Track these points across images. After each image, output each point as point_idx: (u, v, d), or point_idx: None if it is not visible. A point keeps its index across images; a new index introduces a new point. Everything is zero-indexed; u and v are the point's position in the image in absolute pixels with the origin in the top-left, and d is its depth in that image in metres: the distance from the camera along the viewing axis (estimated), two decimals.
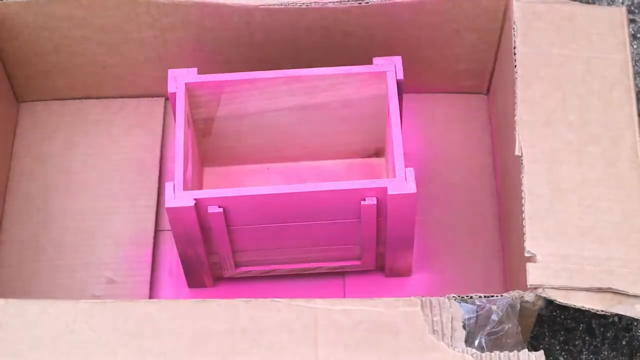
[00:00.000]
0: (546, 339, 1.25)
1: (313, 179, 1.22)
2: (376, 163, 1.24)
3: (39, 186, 1.27)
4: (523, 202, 1.03)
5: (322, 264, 1.18)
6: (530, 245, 1.01)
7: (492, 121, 1.29)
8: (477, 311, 0.98)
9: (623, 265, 0.99)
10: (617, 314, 0.98)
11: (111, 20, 1.21)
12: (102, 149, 1.29)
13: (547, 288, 0.98)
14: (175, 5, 1.17)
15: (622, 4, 1.50)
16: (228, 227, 1.09)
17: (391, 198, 1.05)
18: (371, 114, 1.17)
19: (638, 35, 1.48)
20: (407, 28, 1.21)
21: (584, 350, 1.24)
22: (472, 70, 1.28)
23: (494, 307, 0.99)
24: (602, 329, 1.26)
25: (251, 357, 0.94)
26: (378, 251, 1.16)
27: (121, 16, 1.20)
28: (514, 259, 1.12)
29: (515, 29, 1.12)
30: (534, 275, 0.99)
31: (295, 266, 1.18)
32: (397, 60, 1.13)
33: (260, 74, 1.13)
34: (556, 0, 1.14)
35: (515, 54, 1.11)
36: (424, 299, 0.97)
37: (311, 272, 1.19)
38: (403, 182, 1.05)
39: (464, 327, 0.96)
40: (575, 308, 0.98)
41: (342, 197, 1.06)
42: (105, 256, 1.22)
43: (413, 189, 1.05)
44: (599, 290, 0.98)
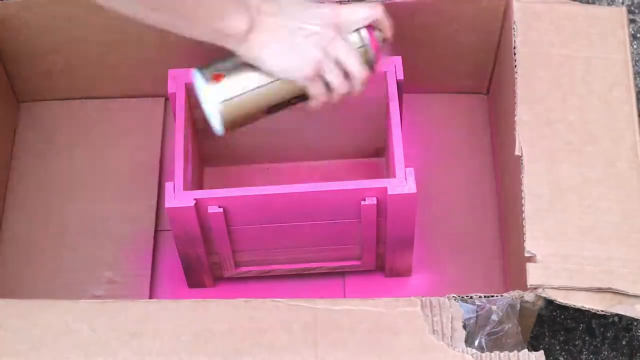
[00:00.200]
0: (546, 339, 1.25)
1: (313, 179, 1.22)
2: (376, 163, 1.24)
3: (39, 186, 1.27)
4: (523, 202, 1.03)
5: (322, 264, 1.18)
6: (530, 245, 1.01)
7: (492, 121, 1.29)
8: (477, 311, 0.98)
9: (623, 265, 0.99)
10: (617, 314, 0.98)
11: (111, 20, 1.20)
12: (102, 149, 1.29)
13: (547, 288, 0.98)
14: None
15: (622, 4, 1.50)
16: (228, 227, 1.09)
17: (391, 198, 1.05)
18: (371, 114, 1.17)
19: (638, 35, 1.48)
20: (407, 28, 1.21)
21: (584, 350, 1.24)
22: (472, 70, 1.28)
23: (494, 307, 0.99)
24: (602, 329, 1.26)
25: (251, 357, 0.94)
26: (378, 251, 1.16)
27: (121, 16, 1.20)
28: (514, 259, 1.12)
29: (515, 29, 1.12)
30: (534, 275, 0.99)
31: (295, 266, 1.18)
32: (397, 60, 1.13)
33: None
34: (556, 0, 1.14)
35: (515, 54, 1.11)
36: (424, 299, 0.97)
37: (311, 272, 1.19)
38: (403, 182, 1.05)
39: (464, 327, 0.96)
40: (575, 308, 0.98)
41: (342, 197, 1.06)
42: (105, 256, 1.22)
43: (413, 189, 1.05)
44: (599, 290, 0.98)
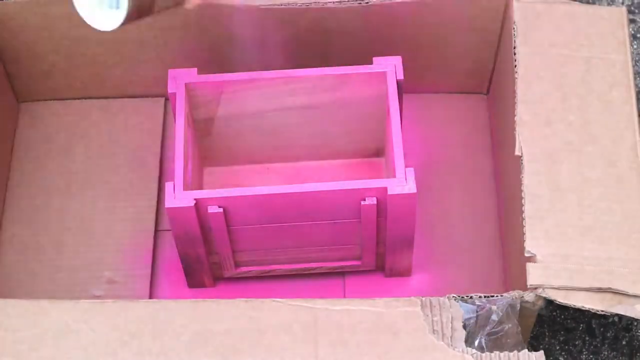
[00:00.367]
0: (546, 339, 1.25)
1: (313, 179, 1.22)
2: (376, 163, 1.24)
3: (39, 186, 1.27)
4: (523, 202, 1.03)
5: (322, 264, 1.18)
6: (530, 245, 1.01)
7: (492, 121, 1.29)
8: (477, 311, 0.98)
9: (623, 265, 0.99)
10: (617, 314, 0.98)
11: None
12: (102, 149, 1.29)
13: (547, 288, 0.98)
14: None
15: (622, 4, 1.50)
16: (228, 227, 1.09)
17: (391, 198, 1.05)
18: (371, 114, 1.17)
19: (638, 35, 1.48)
20: (407, 28, 1.21)
21: (584, 350, 1.24)
22: (472, 70, 1.28)
23: (494, 307, 0.99)
24: (602, 329, 1.26)
25: (251, 357, 0.94)
26: (378, 251, 1.16)
27: None
28: (514, 259, 1.12)
29: (515, 29, 1.12)
30: (534, 275, 0.99)
31: (295, 266, 1.18)
32: (397, 60, 1.13)
33: (260, 74, 1.13)
34: (556, 0, 1.14)
35: (515, 54, 1.11)
36: (424, 299, 0.97)
37: (311, 272, 1.19)
38: (403, 182, 1.05)
39: (464, 327, 0.96)
40: (575, 308, 0.98)
41: (342, 197, 1.06)
42: (105, 256, 1.21)
43: (413, 189, 1.05)
44: (599, 290, 0.98)
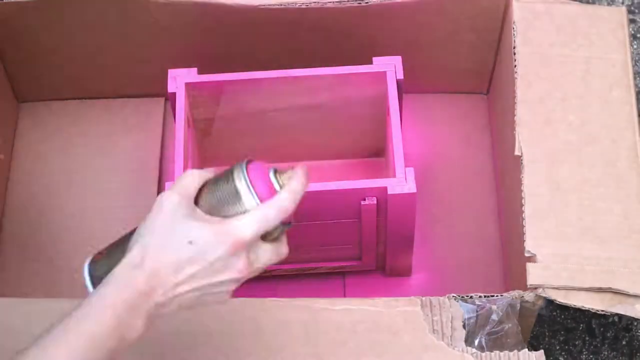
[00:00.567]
0: (546, 339, 1.25)
1: (313, 179, 1.22)
2: (376, 163, 1.24)
3: (39, 186, 1.27)
4: (523, 202, 1.03)
5: (322, 264, 1.18)
6: (530, 245, 1.01)
7: (492, 121, 1.29)
8: (477, 311, 0.98)
9: (623, 265, 0.99)
10: (617, 314, 0.98)
11: (111, 20, 1.21)
12: (102, 149, 1.29)
13: (547, 288, 0.98)
14: (175, 5, 1.17)
15: (622, 4, 1.50)
16: None
17: (391, 198, 1.05)
18: (371, 114, 1.17)
19: (638, 35, 1.48)
20: (407, 28, 1.21)
21: (584, 350, 1.24)
22: (472, 70, 1.28)
23: (494, 307, 0.99)
24: (602, 329, 1.26)
25: (251, 357, 0.94)
26: (378, 251, 1.16)
27: (121, 16, 1.20)
28: (514, 259, 1.12)
29: (515, 29, 1.12)
30: (534, 275, 0.99)
31: (295, 266, 1.18)
32: (397, 60, 1.13)
33: (260, 74, 1.13)
34: (556, 0, 1.14)
35: (515, 54, 1.11)
36: (424, 299, 0.97)
37: (311, 272, 1.19)
38: (403, 182, 1.05)
39: (464, 326, 0.96)
40: (575, 308, 0.98)
41: (342, 197, 1.06)
42: None
43: (413, 189, 1.05)
44: (599, 290, 0.98)
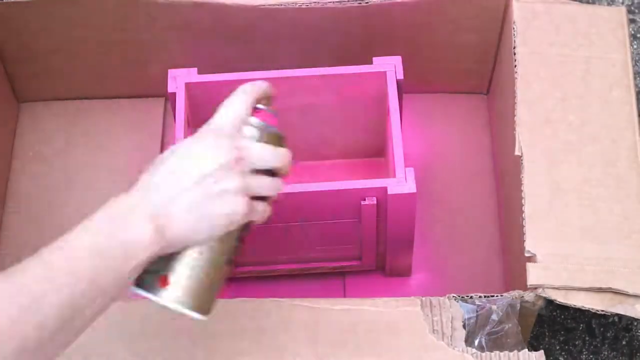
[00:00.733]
0: (546, 339, 1.25)
1: (313, 179, 1.22)
2: (376, 163, 1.24)
3: (39, 186, 1.26)
4: (523, 202, 1.03)
5: (322, 264, 1.18)
6: (530, 245, 1.01)
7: (492, 121, 1.29)
8: (477, 311, 0.98)
9: (623, 265, 0.99)
10: (617, 314, 0.98)
11: (111, 20, 1.21)
12: (102, 149, 1.28)
13: (547, 288, 0.98)
14: (175, 5, 1.17)
15: (622, 4, 1.50)
16: None
17: (391, 198, 1.05)
18: (371, 114, 1.17)
19: (638, 35, 1.48)
20: (407, 28, 1.21)
21: (584, 350, 1.24)
22: (472, 70, 1.28)
23: (494, 307, 0.99)
24: (602, 329, 1.26)
25: (251, 357, 0.94)
26: (378, 251, 1.16)
27: (121, 16, 1.20)
28: (514, 259, 1.12)
29: (515, 29, 1.12)
30: (534, 275, 0.99)
31: (295, 266, 1.18)
32: (397, 60, 1.13)
33: (260, 74, 1.13)
34: (556, 0, 1.14)
35: (515, 54, 1.11)
36: (424, 299, 0.97)
37: (311, 272, 1.19)
38: (403, 182, 1.05)
39: (464, 326, 0.96)
40: (575, 308, 0.98)
41: (342, 197, 1.06)
42: None
43: (413, 189, 1.05)
44: (599, 290, 0.98)
